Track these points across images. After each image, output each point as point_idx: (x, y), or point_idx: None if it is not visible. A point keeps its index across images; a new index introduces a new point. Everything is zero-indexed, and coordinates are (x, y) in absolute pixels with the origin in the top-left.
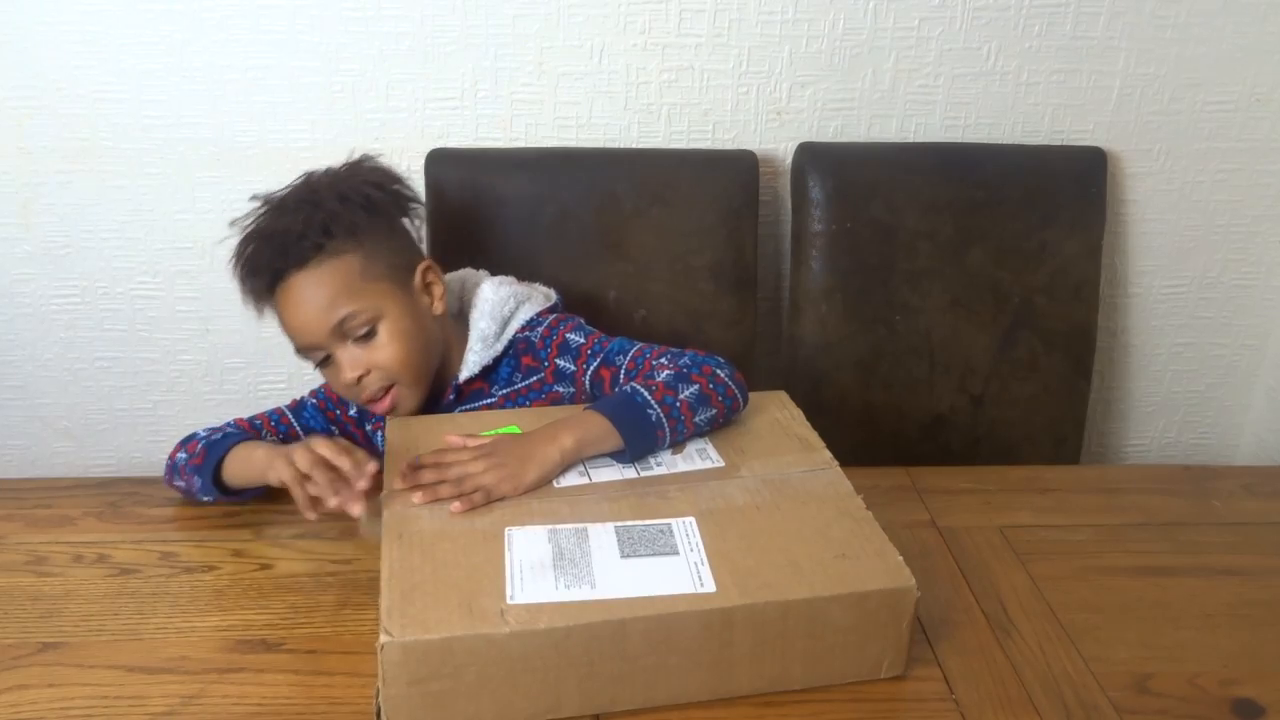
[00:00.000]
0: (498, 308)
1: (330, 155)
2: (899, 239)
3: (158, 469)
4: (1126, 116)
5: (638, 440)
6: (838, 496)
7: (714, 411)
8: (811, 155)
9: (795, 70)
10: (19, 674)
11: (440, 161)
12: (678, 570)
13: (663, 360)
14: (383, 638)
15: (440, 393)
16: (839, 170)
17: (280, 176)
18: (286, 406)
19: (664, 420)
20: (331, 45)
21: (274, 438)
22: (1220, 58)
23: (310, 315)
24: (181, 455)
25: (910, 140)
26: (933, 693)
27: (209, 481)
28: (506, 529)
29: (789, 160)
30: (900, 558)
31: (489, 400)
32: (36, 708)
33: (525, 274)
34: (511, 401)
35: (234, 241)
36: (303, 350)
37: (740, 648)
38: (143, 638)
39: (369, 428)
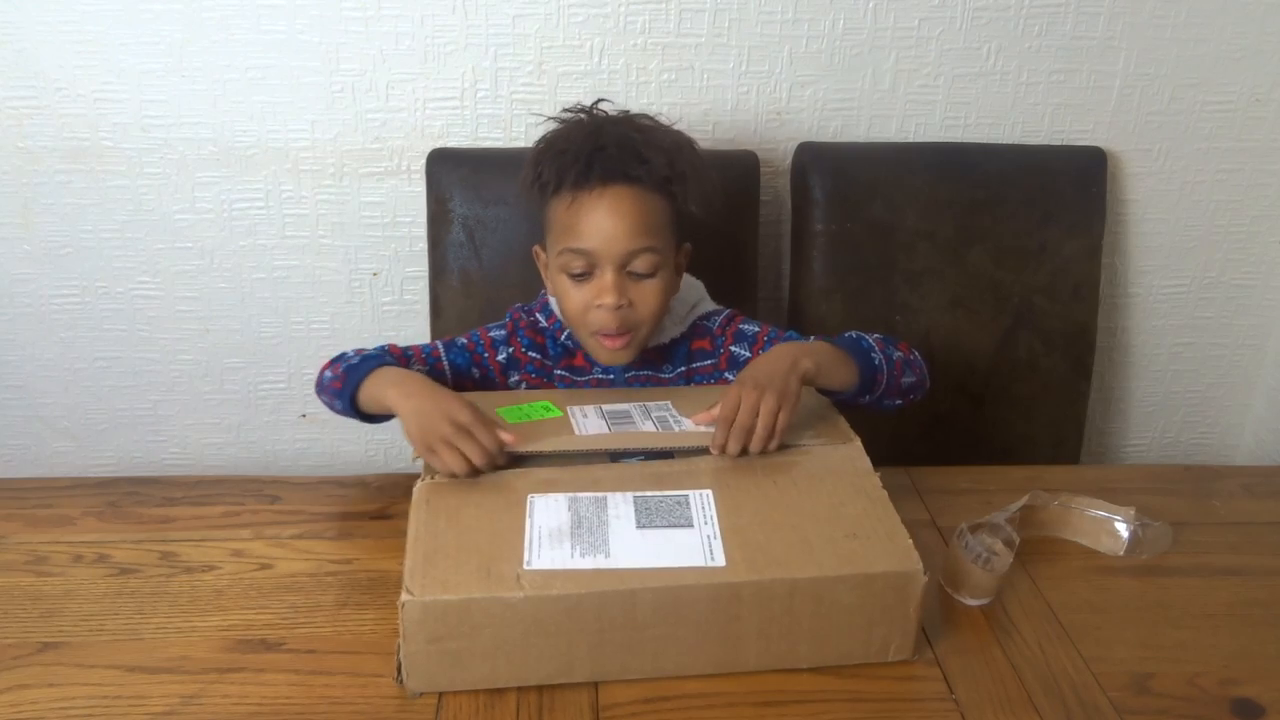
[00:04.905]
0: (688, 293)
1: (330, 155)
2: (899, 239)
3: (158, 469)
4: (1126, 116)
5: (865, 377)
6: (855, 473)
7: (914, 379)
8: (812, 155)
9: (795, 70)
10: (19, 674)
11: (440, 161)
12: (691, 543)
13: None
14: (404, 596)
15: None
16: (839, 170)
17: (280, 176)
18: (441, 341)
19: (883, 367)
20: (331, 45)
21: (422, 368)
22: (1220, 58)
23: (622, 228)
24: (328, 373)
25: (910, 140)
26: (933, 692)
27: (348, 406)
28: (529, 496)
29: (789, 160)
30: (910, 541)
31: (663, 375)
32: (37, 708)
33: (525, 275)
34: (686, 379)
35: (559, 125)
36: (579, 252)
37: (748, 623)
38: (143, 638)
39: (515, 377)
